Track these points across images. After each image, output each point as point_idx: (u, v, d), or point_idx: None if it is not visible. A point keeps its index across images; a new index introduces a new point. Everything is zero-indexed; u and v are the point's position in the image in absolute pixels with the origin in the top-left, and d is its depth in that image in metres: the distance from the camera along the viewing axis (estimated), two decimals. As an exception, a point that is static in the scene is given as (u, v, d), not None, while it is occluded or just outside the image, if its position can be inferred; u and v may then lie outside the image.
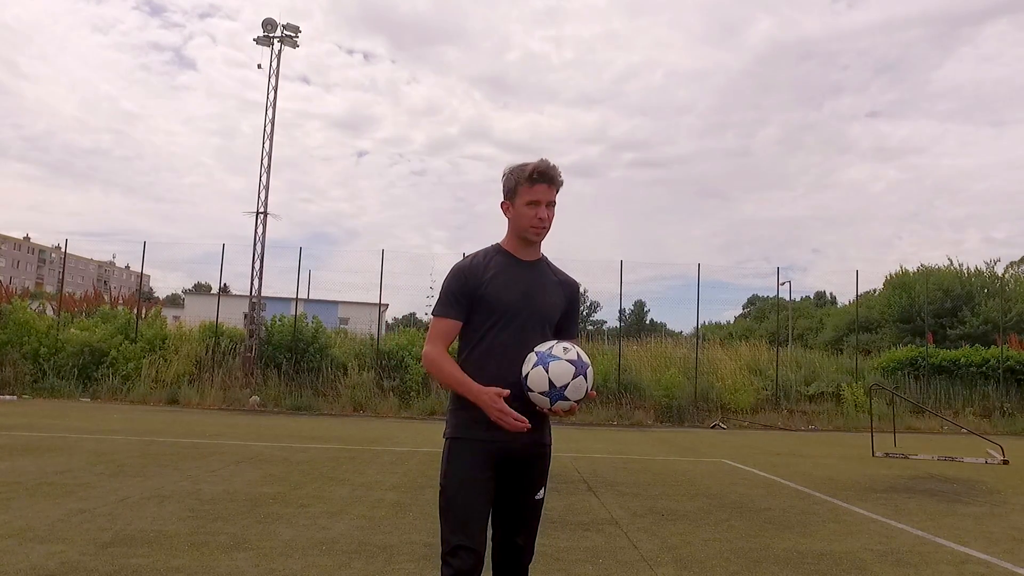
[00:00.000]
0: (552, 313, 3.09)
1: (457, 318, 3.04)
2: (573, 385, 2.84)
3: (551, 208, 3.06)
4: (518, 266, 3.09)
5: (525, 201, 3.03)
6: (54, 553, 5.02)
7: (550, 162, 3.05)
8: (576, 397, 2.86)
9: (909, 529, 7.23)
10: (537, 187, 3.01)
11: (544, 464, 3.09)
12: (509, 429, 2.85)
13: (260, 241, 25.25)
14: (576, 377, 2.84)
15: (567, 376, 2.83)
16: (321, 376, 23.85)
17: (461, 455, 2.94)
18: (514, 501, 3.01)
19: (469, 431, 2.95)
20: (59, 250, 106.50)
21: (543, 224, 3.04)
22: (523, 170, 3.04)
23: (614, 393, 23.65)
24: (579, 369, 2.85)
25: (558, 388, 2.83)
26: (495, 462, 2.93)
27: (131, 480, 8.20)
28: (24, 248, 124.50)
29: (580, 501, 8.16)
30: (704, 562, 5.63)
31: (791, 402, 24.78)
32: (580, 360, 2.87)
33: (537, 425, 2.95)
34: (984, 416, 24.01)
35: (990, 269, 45.75)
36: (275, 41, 26.14)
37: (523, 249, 3.12)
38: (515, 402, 2.85)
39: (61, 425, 14.17)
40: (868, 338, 38.34)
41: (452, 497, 2.90)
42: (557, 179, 3.04)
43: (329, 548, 5.55)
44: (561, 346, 2.90)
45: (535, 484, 3.05)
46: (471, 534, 2.81)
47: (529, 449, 3.00)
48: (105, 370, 23.15)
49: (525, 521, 3.05)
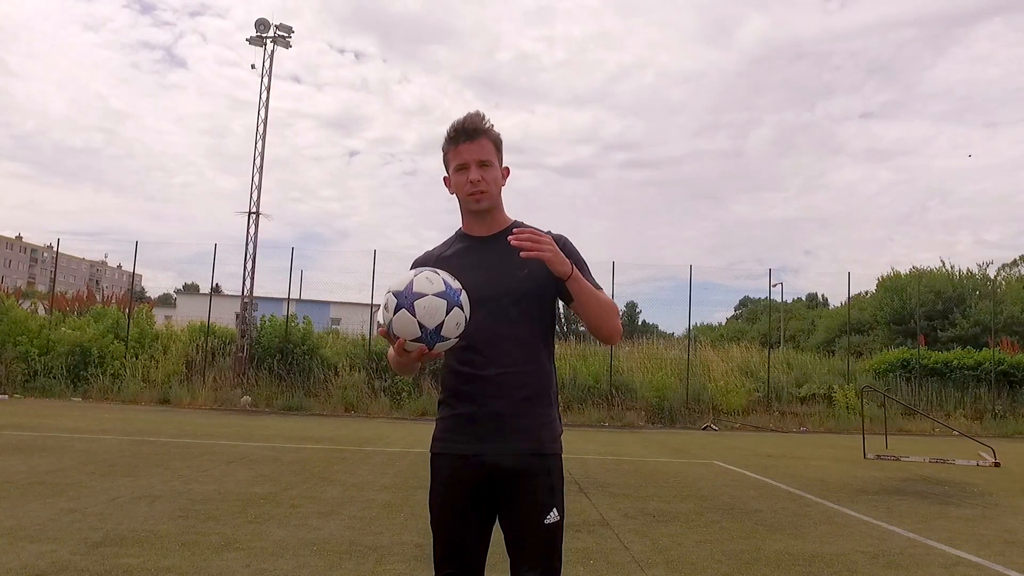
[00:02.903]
0: (526, 285, 2.54)
1: None
2: (450, 320, 2.30)
3: (486, 168, 2.57)
4: (477, 246, 2.65)
5: (454, 167, 2.61)
6: (45, 553, 5.00)
7: (474, 112, 2.61)
8: (456, 334, 2.35)
9: (900, 531, 7.24)
10: (460, 147, 2.57)
11: (549, 480, 2.50)
12: (399, 355, 2.37)
13: (252, 241, 25.23)
14: (452, 310, 2.30)
15: (439, 312, 2.29)
16: (312, 376, 23.81)
17: (441, 473, 2.58)
18: (519, 527, 2.48)
19: (448, 444, 2.57)
20: (51, 249, 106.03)
21: (477, 188, 2.56)
22: (446, 134, 2.62)
23: (606, 394, 23.70)
24: (452, 300, 2.31)
25: (431, 329, 2.29)
26: (481, 480, 2.50)
27: (122, 480, 8.17)
28: (16, 247, 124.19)
29: (571, 502, 8.15)
30: (695, 564, 5.63)
31: (783, 404, 24.82)
32: (449, 288, 2.33)
33: (528, 428, 2.51)
34: (975, 418, 24.09)
35: (982, 271, 45.89)
36: (268, 41, 26.12)
37: (479, 224, 2.67)
38: (498, 397, 2.48)
39: (52, 425, 14.11)
40: (860, 340, 38.38)
41: (437, 521, 2.58)
42: (480, 131, 2.57)
43: (320, 548, 5.53)
44: (423, 276, 2.34)
45: (539, 505, 2.46)
46: (458, 560, 2.53)
47: (522, 461, 2.48)
48: (96, 369, 23.07)
49: (537, 552, 2.46)
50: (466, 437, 2.52)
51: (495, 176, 2.61)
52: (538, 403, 2.54)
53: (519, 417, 2.50)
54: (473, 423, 2.51)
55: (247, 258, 25.17)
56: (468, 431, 2.51)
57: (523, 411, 2.51)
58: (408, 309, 2.28)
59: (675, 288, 46.51)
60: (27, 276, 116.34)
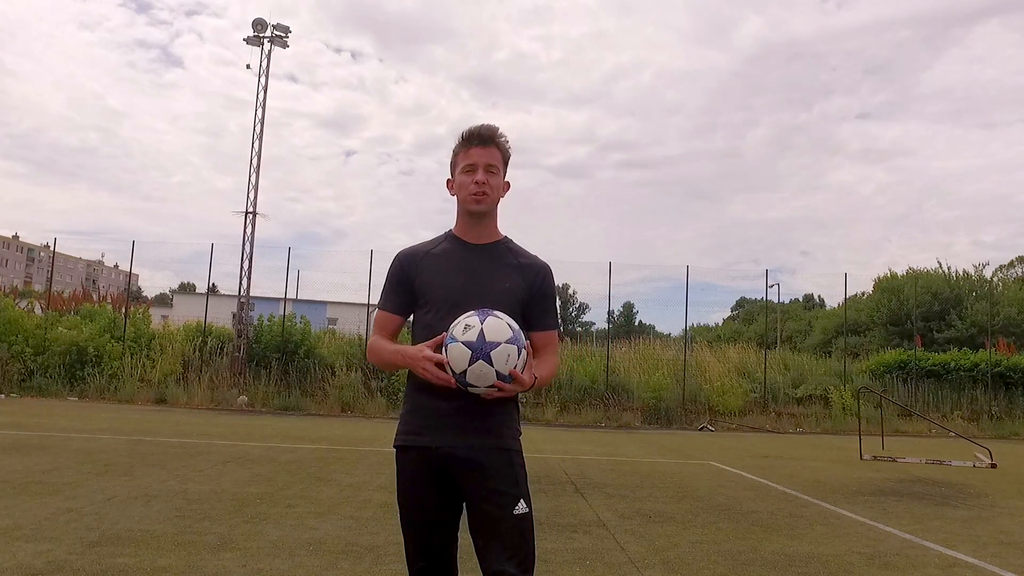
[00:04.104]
0: (504, 300, 2.64)
1: (393, 311, 2.80)
2: (472, 371, 2.44)
3: (492, 173, 2.70)
4: (464, 250, 2.76)
5: (461, 167, 2.73)
6: (41, 552, 5.00)
7: (493, 125, 2.74)
8: (483, 383, 2.47)
9: (897, 532, 7.25)
10: (472, 150, 2.70)
11: (511, 471, 2.61)
12: (433, 382, 2.53)
13: (249, 241, 25.18)
14: (475, 362, 2.43)
15: (463, 361, 2.44)
16: (309, 376, 23.79)
17: (405, 467, 2.70)
18: (488, 519, 2.55)
19: (412, 436, 2.68)
20: (47, 249, 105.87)
21: (480, 189, 2.68)
22: (459, 137, 2.77)
23: (602, 395, 23.65)
24: (478, 353, 2.43)
25: (458, 374, 2.47)
26: (445, 472, 2.61)
27: (118, 479, 8.16)
28: (13, 247, 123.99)
29: (568, 503, 8.16)
30: (691, 564, 5.63)
31: (779, 405, 24.82)
32: (482, 340, 2.43)
33: (491, 425, 2.63)
34: (972, 420, 24.13)
35: (978, 272, 45.93)
36: (265, 41, 26.04)
37: (472, 230, 2.77)
38: (464, 395, 2.56)
39: (48, 424, 14.09)
40: (856, 341, 38.42)
41: (406, 516, 2.70)
42: (493, 140, 2.72)
43: (316, 548, 5.53)
44: (463, 323, 2.49)
45: (504, 495, 2.56)
46: (428, 554, 2.65)
47: (484, 455, 2.59)
48: (92, 369, 23.03)
49: (507, 542, 2.52)
50: (430, 431, 2.63)
51: (498, 183, 2.74)
52: (500, 402, 2.61)
53: (483, 414, 2.60)
54: (438, 417, 2.62)
55: (244, 258, 25.13)
56: (433, 425, 2.63)
57: (486, 408, 2.60)
58: (485, 359, 2.43)
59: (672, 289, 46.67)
60: (24, 275, 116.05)
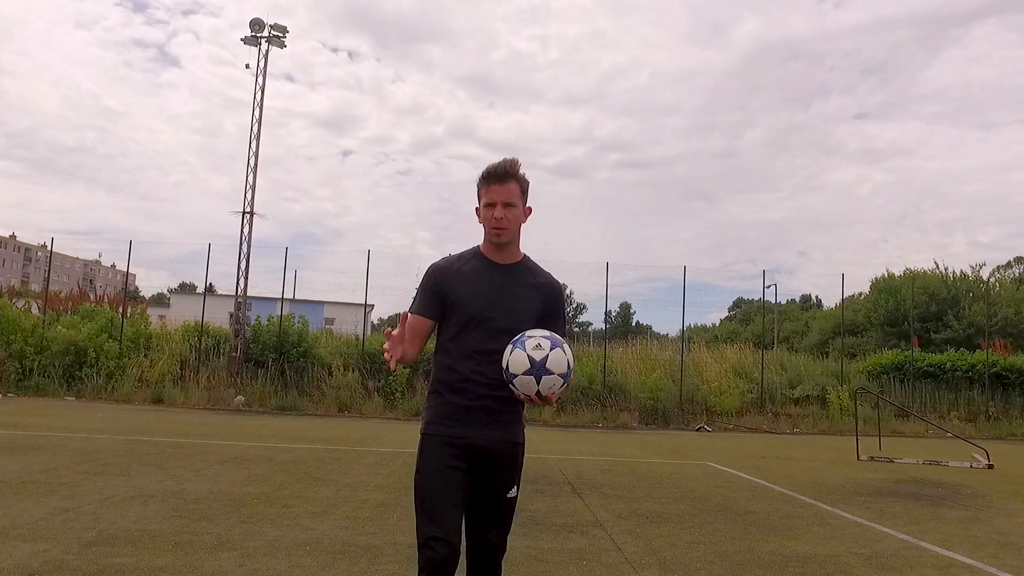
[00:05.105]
0: (524, 319, 3.03)
1: (424, 314, 3.10)
2: (521, 380, 2.83)
3: (509, 208, 3.02)
4: (490, 270, 3.10)
5: (483, 203, 3.05)
6: (38, 552, 4.99)
7: (508, 159, 3.05)
8: (524, 392, 2.86)
9: (894, 533, 7.26)
10: (491, 188, 3.02)
11: (516, 463, 3.11)
12: (385, 357, 2.97)
13: (246, 241, 25.18)
14: (528, 375, 2.82)
15: (519, 368, 2.82)
16: (306, 376, 23.77)
17: (432, 450, 3.00)
18: (487, 499, 3.03)
19: (440, 427, 3.02)
20: (45, 248, 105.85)
21: (499, 225, 3.02)
22: (481, 173, 3.07)
23: (599, 395, 23.66)
24: (533, 370, 2.81)
25: (508, 372, 2.85)
26: (466, 457, 2.97)
27: (115, 479, 8.15)
28: (10, 246, 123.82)
29: (565, 503, 8.17)
30: (688, 565, 5.64)
31: (776, 405, 24.84)
32: (543, 364, 2.81)
33: (507, 422, 3.05)
34: (969, 420, 24.15)
35: (976, 273, 45.99)
36: (262, 41, 26.04)
37: (497, 252, 3.12)
38: (488, 396, 2.97)
39: (46, 424, 14.08)
40: (854, 341, 38.50)
41: (424, 490, 2.95)
42: (510, 175, 3.02)
43: (313, 548, 5.53)
44: (537, 340, 2.86)
45: (507, 482, 3.07)
46: (443, 525, 2.85)
47: (500, 446, 3.03)
48: (90, 369, 23.02)
49: (499, 518, 3.07)
50: (456, 423, 3.00)
51: (517, 215, 3.07)
52: (513, 402, 3.00)
53: (500, 412, 3.02)
54: (463, 412, 3.01)
55: (241, 258, 25.14)
56: (458, 419, 3.00)
57: (502, 407, 3.02)
58: (536, 378, 2.82)
59: (669, 289, 46.52)
60: (21, 275, 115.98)
